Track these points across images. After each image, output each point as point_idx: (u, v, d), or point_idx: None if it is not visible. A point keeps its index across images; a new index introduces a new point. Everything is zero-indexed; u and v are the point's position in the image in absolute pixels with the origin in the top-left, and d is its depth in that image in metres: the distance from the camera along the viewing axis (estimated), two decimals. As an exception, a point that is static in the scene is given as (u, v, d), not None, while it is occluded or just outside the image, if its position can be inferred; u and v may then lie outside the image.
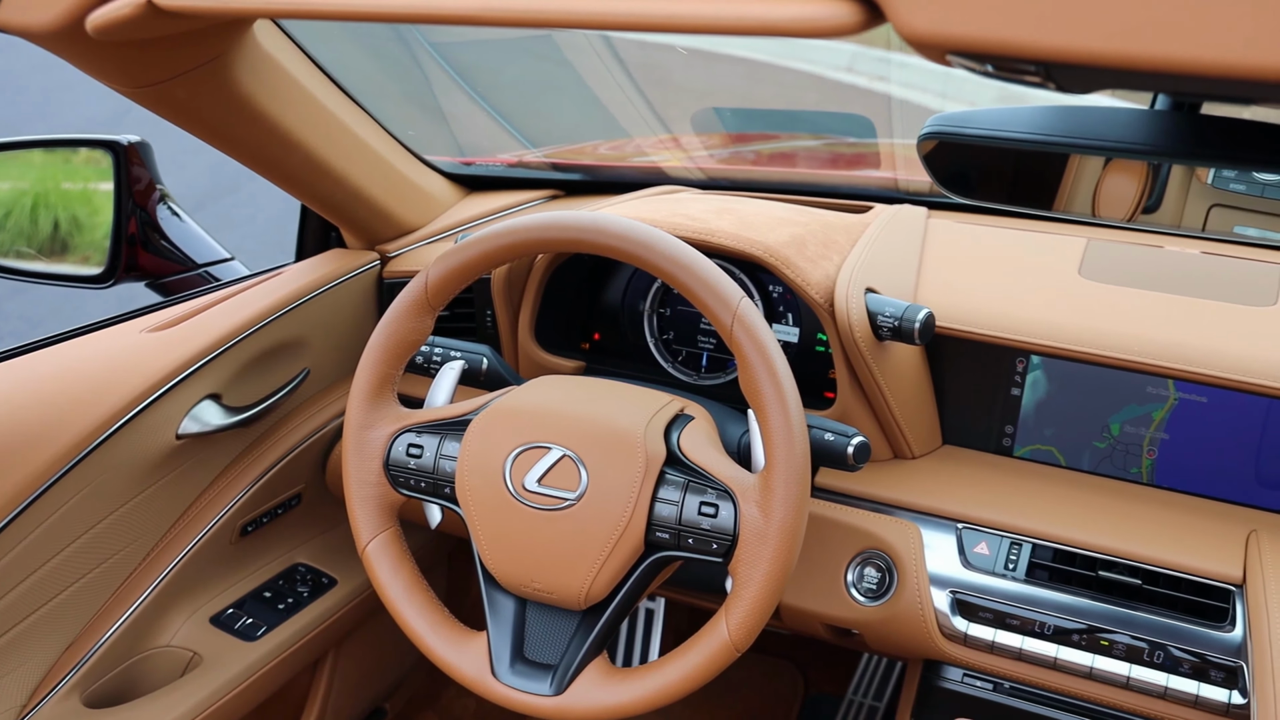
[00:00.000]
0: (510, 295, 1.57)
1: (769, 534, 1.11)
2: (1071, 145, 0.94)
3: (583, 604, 1.18)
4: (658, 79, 2.29)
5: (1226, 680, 1.25)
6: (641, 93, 2.04)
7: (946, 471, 1.47)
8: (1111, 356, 1.36)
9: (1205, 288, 1.46)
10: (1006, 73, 0.67)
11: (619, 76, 2.00)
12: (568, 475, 1.17)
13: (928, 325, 1.33)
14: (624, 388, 1.27)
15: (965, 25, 0.60)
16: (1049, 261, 1.53)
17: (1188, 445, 1.42)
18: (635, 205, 1.54)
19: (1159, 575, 1.31)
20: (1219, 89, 0.71)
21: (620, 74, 1.99)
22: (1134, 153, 0.92)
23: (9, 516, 1.32)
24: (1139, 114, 0.89)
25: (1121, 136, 0.89)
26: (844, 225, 1.54)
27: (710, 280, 1.14)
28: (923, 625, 1.36)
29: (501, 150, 2.08)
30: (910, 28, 0.62)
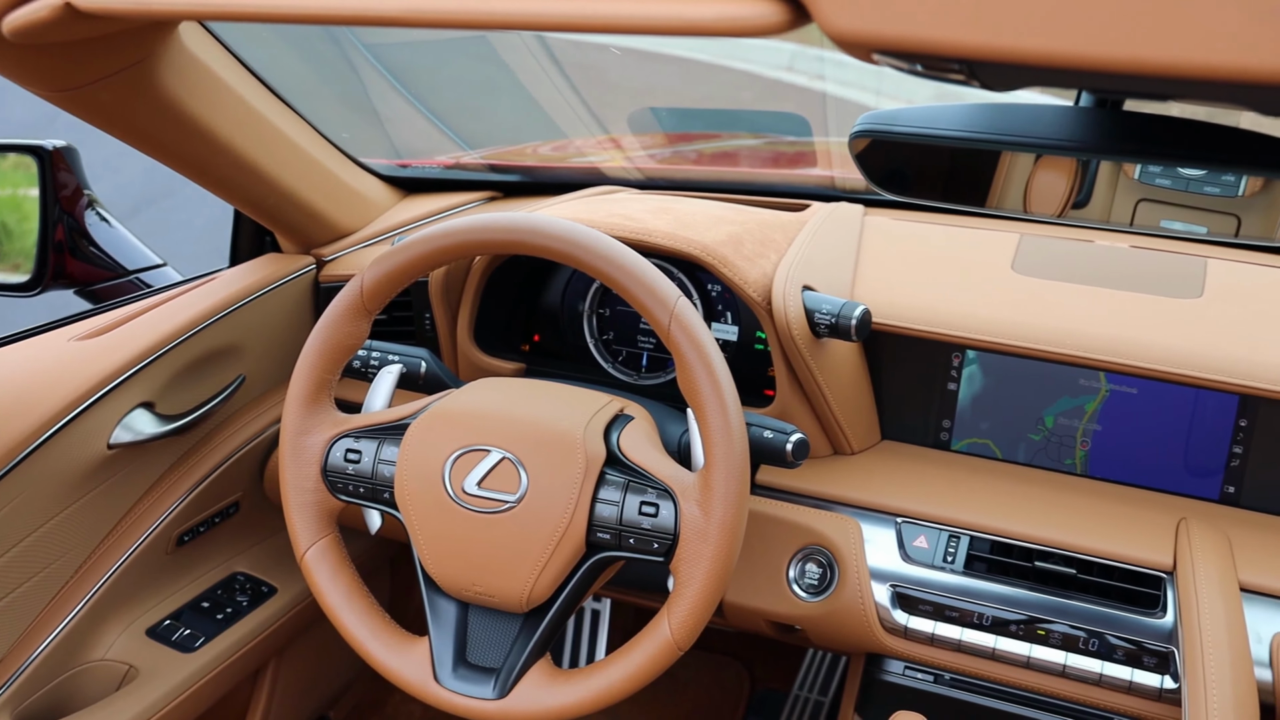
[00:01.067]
0: (448, 298, 1.56)
1: (709, 532, 1.12)
2: (999, 142, 0.95)
3: (525, 606, 1.18)
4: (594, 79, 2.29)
5: (1158, 666, 1.27)
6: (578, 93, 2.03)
7: (885, 466, 1.49)
8: (1044, 350, 1.38)
9: (1134, 281, 1.48)
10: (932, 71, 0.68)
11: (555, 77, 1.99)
12: (507, 478, 1.16)
13: (864, 322, 1.34)
14: (563, 389, 1.27)
15: (889, 25, 0.60)
16: (983, 257, 1.55)
17: (1119, 436, 1.45)
18: (573, 206, 1.54)
19: (1093, 564, 1.33)
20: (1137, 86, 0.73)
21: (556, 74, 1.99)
22: (1059, 149, 0.93)
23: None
24: (1064, 111, 0.90)
25: (1047, 133, 0.90)
26: (781, 224, 1.55)
27: (647, 280, 1.14)
28: (864, 619, 1.37)
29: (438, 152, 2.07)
30: (835, 27, 0.62)
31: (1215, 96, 0.68)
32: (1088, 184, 1.07)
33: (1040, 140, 0.91)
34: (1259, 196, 1.03)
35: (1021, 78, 0.69)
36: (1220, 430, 1.40)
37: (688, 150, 2.19)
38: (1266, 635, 1.24)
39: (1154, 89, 0.71)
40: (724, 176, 2.02)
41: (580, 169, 2.07)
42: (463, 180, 1.97)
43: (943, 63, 0.66)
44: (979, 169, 1.10)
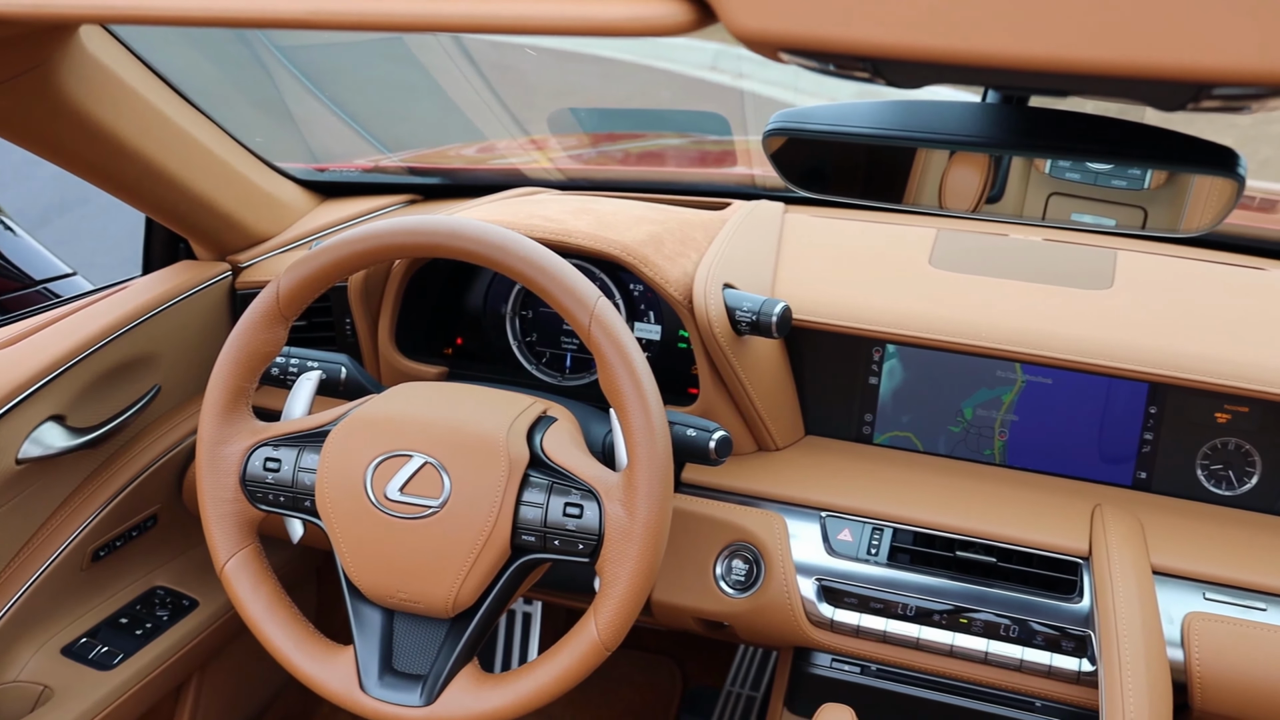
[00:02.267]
0: (368, 302, 1.54)
1: (634, 532, 1.12)
2: (909, 139, 0.96)
3: (451, 612, 1.17)
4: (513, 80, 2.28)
5: (1076, 649, 1.30)
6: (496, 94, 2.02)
7: (809, 461, 1.50)
8: (962, 343, 1.41)
9: (1047, 273, 1.51)
10: (838, 69, 0.69)
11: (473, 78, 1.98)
12: (430, 483, 1.15)
13: (785, 318, 1.35)
14: (485, 392, 1.26)
15: (795, 24, 0.61)
16: (901, 253, 1.57)
17: (1036, 426, 1.47)
18: (492, 208, 1.53)
19: (1012, 553, 1.36)
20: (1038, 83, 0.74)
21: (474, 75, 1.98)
22: (967, 145, 0.94)
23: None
24: (970, 107, 0.92)
25: (955, 130, 0.92)
26: (702, 222, 1.55)
27: (566, 281, 1.14)
28: (790, 614, 1.38)
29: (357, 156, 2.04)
30: (741, 26, 0.62)
31: (1114, 92, 0.69)
32: (1000, 179, 1.08)
33: (949, 137, 0.92)
34: (1163, 189, 1.05)
35: (925, 75, 0.70)
36: (1131, 418, 1.44)
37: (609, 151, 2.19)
38: (1178, 616, 1.27)
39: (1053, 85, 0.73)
40: (645, 176, 2.02)
41: (501, 170, 2.06)
42: (382, 184, 1.95)
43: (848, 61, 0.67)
44: (895, 166, 1.11)
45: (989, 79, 0.70)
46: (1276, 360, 1.33)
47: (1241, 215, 1.79)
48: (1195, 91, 0.62)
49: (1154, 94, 0.66)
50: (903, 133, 0.95)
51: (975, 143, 0.94)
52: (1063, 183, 1.08)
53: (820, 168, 1.12)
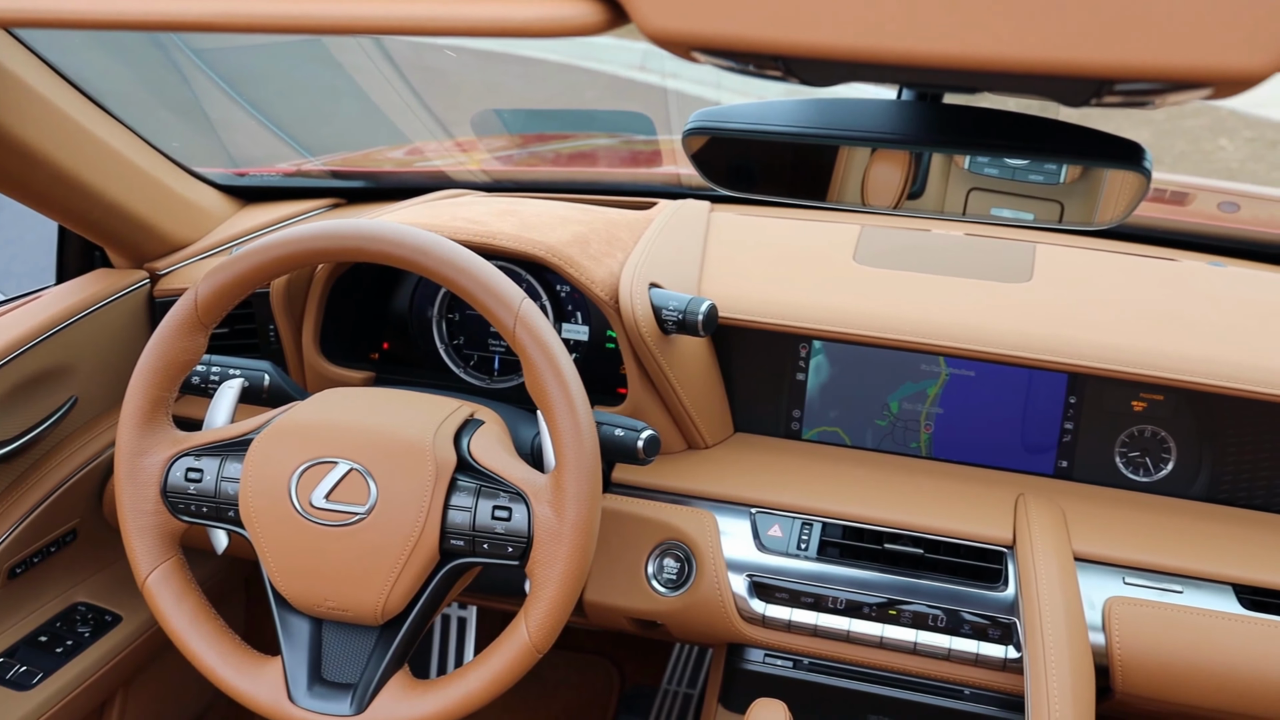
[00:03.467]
0: (292, 308, 1.52)
1: (563, 533, 1.12)
2: (826, 136, 0.97)
3: (380, 619, 1.16)
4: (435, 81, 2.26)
5: (1002, 637, 1.32)
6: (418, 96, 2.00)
7: (739, 458, 1.51)
8: (886, 337, 1.42)
9: (969, 267, 1.54)
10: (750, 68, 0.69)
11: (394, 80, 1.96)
12: (356, 489, 1.14)
13: (711, 317, 1.35)
14: (411, 396, 1.25)
15: (706, 23, 0.61)
16: (826, 249, 1.59)
17: (960, 418, 1.50)
18: (416, 211, 1.52)
19: (939, 544, 1.38)
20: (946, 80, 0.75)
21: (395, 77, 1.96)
22: (883, 142, 0.95)
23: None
24: (887, 105, 0.93)
25: (872, 127, 0.93)
26: (627, 222, 1.56)
27: (490, 283, 1.14)
28: (722, 610, 1.39)
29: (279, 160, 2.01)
30: (652, 26, 0.63)
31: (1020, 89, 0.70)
32: (921, 175, 1.10)
33: (866, 134, 0.93)
34: (1078, 183, 1.07)
35: (837, 74, 0.71)
36: (1052, 408, 1.46)
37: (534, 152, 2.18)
38: (1099, 601, 1.30)
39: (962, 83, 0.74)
40: (571, 177, 2.02)
41: (426, 173, 2.04)
42: (304, 188, 1.92)
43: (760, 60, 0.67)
44: (819, 164, 1.12)
45: (899, 77, 0.71)
46: (1189, 349, 1.36)
47: (1155, 208, 1.84)
48: (1097, 87, 0.63)
49: (1059, 90, 0.67)
50: (821, 131, 0.96)
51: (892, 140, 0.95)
52: (982, 178, 1.09)
53: (742, 167, 1.13)
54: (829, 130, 0.96)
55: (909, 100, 0.94)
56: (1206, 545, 1.34)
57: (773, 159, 1.13)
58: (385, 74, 1.96)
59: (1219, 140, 5.64)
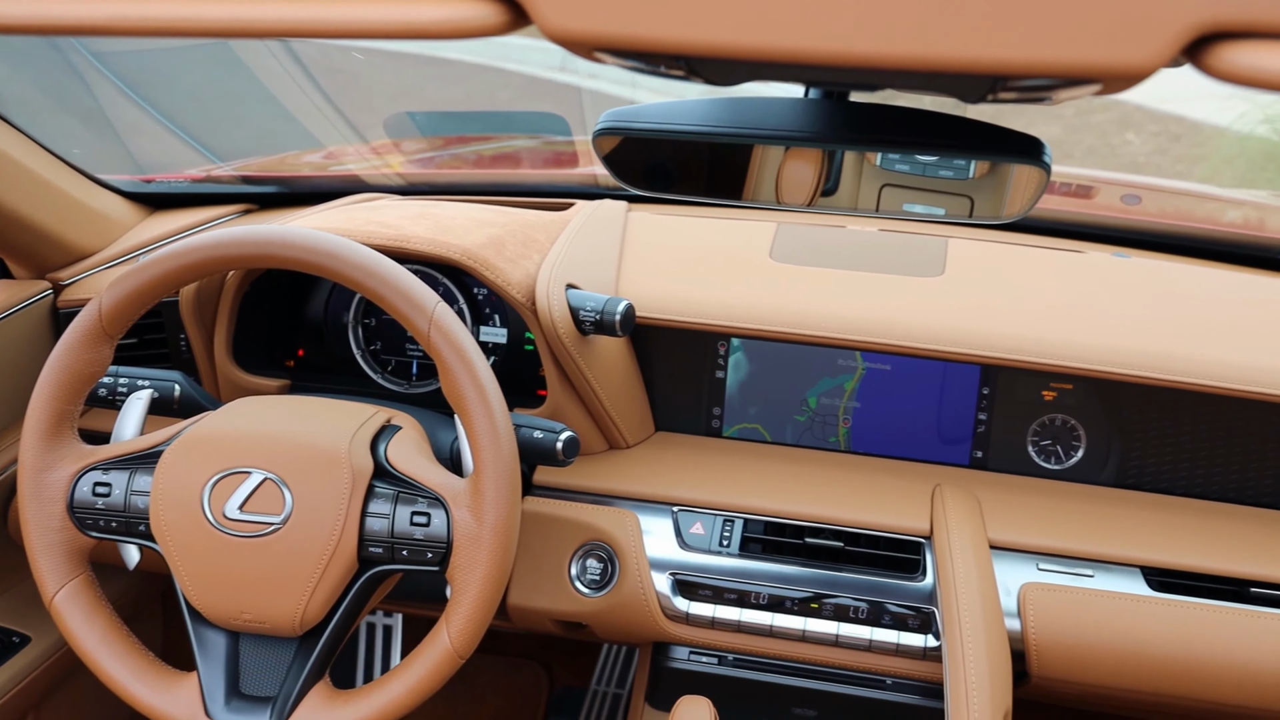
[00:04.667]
0: (202, 316, 1.49)
1: (482, 537, 1.11)
2: (736, 135, 0.97)
3: (299, 630, 1.14)
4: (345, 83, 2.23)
5: (922, 626, 1.34)
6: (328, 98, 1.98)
7: (660, 457, 1.51)
8: (803, 333, 1.44)
9: (883, 263, 1.56)
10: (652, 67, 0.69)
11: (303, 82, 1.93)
12: (271, 499, 1.12)
13: (628, 316, 1.36)
14: (326, 403, 1.23)
15: (607, 23, 0.61)
16: (742, 247, 1.60)
17: (877, 411, 1.52)
18: (329, 215, 1.50)
19: (859, 536, 1.40)
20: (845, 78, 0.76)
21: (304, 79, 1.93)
22: (792, 140, 0.96)
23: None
24: (795, 103, 0.93)
25: (780, 125, 0.93)
26: (544, 224, 1.55)
27: (403, 287, 1.13)
28: (646, 610, 1.39)
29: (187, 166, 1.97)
30: (553, 26, 0.62)
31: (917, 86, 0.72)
32: (834, 173, 1.11)
33: (775, 132, 0.94)
34: (987, 178, 1.09)
35: (739, 73, 0.72)
36: (967, 400, 1.49)
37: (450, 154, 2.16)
38: (1014, 587, 1.33)
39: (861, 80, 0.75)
40: (487, 179, 2.01)
41: (339, 177, 2.02)
42: (215, 194, 1.88)
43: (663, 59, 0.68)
44: (733, 163, 1.13)
45: (800, 75, 0.71)
46: (1095, 339, 1.39)
47: (1061, 202, 1.88)
48: (991, 83, 0.65)
49: (956, 87, 0.68)
50: (730, 130, 0.96)
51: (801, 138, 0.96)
52: (893, 174, 1.11)
53: (656, 166, 1.13)
54: (738, 129, 0.96)
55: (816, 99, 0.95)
56: (1116, 530, 1.38)
57: (687, 158, 1.14)
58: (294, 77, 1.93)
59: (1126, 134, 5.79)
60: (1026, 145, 0.89)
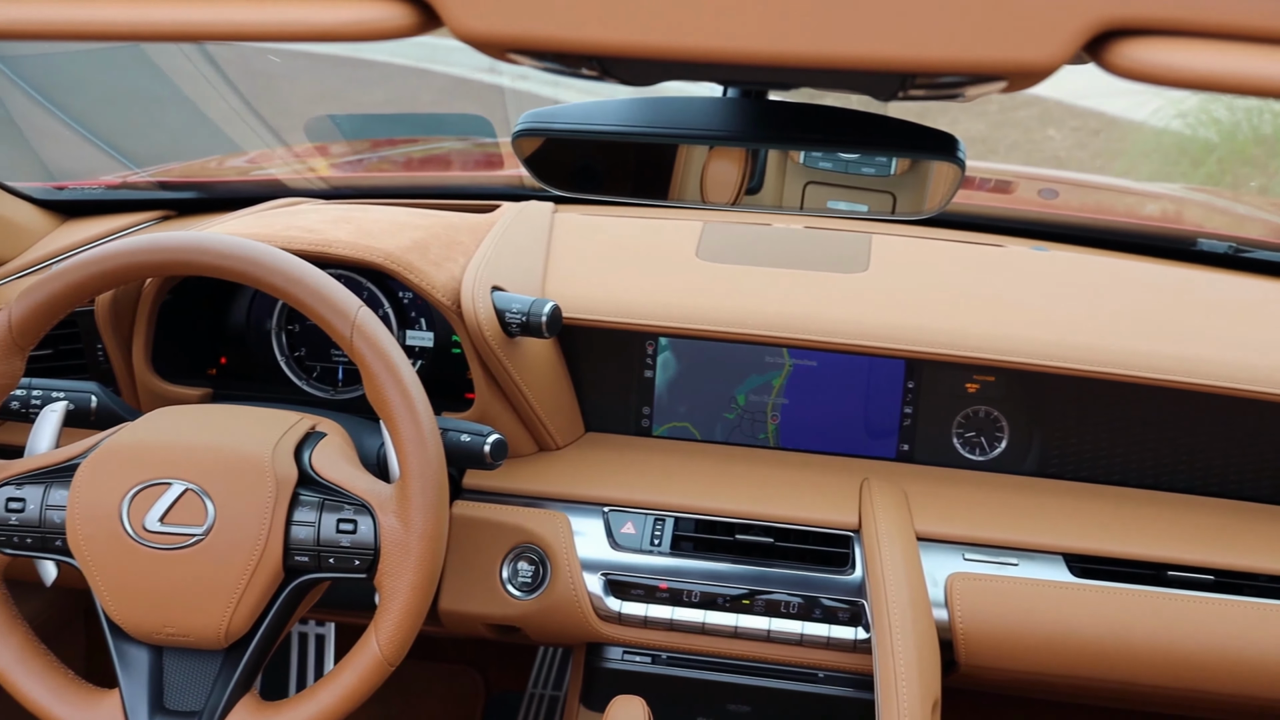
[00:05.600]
0: (119, 325, 1.46)
1: (410, 543, 1.10)
2: (655, 135, 0.97)
3: (224, 642, 1.13)
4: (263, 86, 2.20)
5: (852, 619, 1.36)
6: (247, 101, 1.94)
7: (590, 458, 1.51)
8: (730, 331, 1.45)
9: (808, 260, 1.57)
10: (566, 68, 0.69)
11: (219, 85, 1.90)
12: (193, 510, 1.10)
13: (555, 318, 1.35)
14: (249, 411, 1.21)
15: (519, 24, 0.61)
16: (668, 246, 1.60)
17: (805, 407, 1.53)
18: (248, 220, 1.48)
19: (789, 531, 1.41)
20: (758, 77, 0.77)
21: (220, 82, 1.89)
22: (712, 139, 0.97)
23: None
24: (713, 102, 0.94)
25: (700, 124, 0.94)
26: (469, 226, 1.54)
27: (324, 292, 1.12)
28: (579, 611, 1.39)
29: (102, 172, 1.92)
30: (464, 28, 0.62)
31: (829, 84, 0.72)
32: (758, 171, 1.12)
33: (695, 132, 0.95)
34: (908, 175, 1.11)
35: (652, 73, 0.72)
36: (892, 394, 1.51)
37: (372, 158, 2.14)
38: (941, 578, 1.35)
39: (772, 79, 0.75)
40: (411, 182, 1.99)
41: (260, 182, 1.99)
42: (131, 200, 1.84)
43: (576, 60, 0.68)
44: (658, 162, 1.13)
45: (713, 75, 0.72)
46: (1017, 331, 1.42)
47: (982, 197, 1.91)
48: (901, 81, 0.66)
49: (867, 85, 0.69)
50: (650, 129, 0.97)
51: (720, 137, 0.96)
52: (817, 171, 1.12)
53: (579, 167, 1.13)
54: (658, 129, 0.97)
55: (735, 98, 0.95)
56: (1039, 518, 1.40)
57: (612, 158, 1.14)
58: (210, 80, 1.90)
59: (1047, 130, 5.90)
60: (942, 142, 0.90)
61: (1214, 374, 1.36)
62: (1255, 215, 2.29)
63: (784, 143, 0.98)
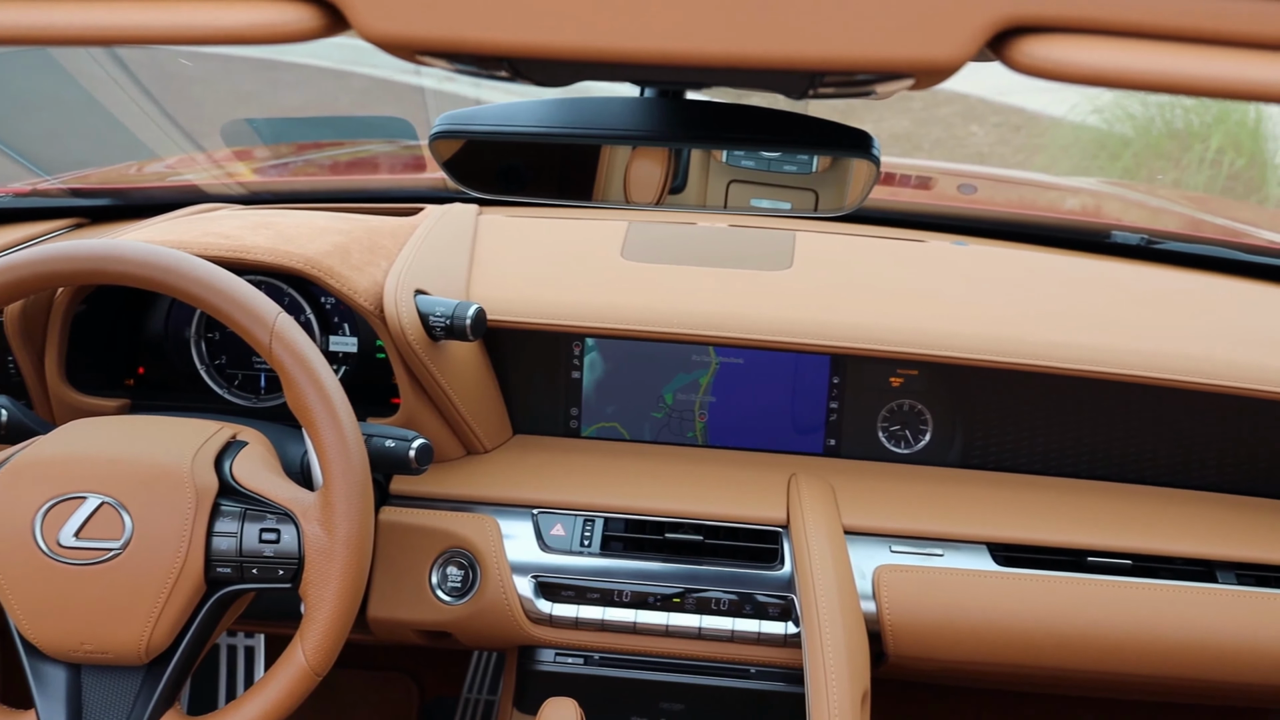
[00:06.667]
0: (30, 336, 1.42)
1: (334, 551, 1.09)
2: (573, 135, 0.97)
3: (145, 658, 1.10)
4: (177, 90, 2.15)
5: (782, 614, 1.37)
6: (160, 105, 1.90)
7: (519, 461, 1.50)
8: (656, 331, 1.45)
9: (733, 258, 1.58)
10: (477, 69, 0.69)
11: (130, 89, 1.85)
12: (109, 524, 1.08)
13: (479, 320, 1.34)
14: (167, 421, 1.19)
15: (427, 26, 0.60)
16: (594, 247, 1.60)
17: (733, 405, 1.54)
18: (164, 227, 1.45)
19: (718, 529, 1.41)
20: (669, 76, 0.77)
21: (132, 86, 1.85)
22: (629, 139, 0.97)
23: None
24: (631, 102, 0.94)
25: (617, 125, 0.94)
26: (391, 229, 1.53)
27: (242, 299, 1.10)
28: (509, 614, 1.38)
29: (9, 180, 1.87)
30: (372, 30, 0.62)
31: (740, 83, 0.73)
32: (681, 170, 1.12)
33: (613, 132, 0.94)
34: (830, 172, 1.12)
35: (564, 74, 0.72)
36: (818, 389, 1.52)
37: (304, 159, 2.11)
38: (868, 570, 1.36)
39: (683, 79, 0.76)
40: (332, 186, 1.96)
41: (177, 188, 1.95)
42: (41, 208, 1.80)
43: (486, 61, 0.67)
44: (582, 163, 1.13)
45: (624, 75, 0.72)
46: (938, 325, 1.44)
47: (903, 193, 1.94)
48: (810, 80, 0.66)
49: (777, 83, 0.70)
50: (568, 129, 0.96)
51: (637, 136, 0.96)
52: (740, 170, 1.12)
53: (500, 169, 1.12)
54: (576, 129, 0.96)
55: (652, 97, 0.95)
56: (963, 509, 1.43)
57: (532, 160, 1.13)
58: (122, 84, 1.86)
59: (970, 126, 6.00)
60: (856, 139, 0.91)
61: (1127, 363, 1.39)
62: (1168, 207, 2.35)
63: (701, 142, 0.99)
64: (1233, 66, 0.52)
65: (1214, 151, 4.98)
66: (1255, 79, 0.51)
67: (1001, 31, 0.54)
